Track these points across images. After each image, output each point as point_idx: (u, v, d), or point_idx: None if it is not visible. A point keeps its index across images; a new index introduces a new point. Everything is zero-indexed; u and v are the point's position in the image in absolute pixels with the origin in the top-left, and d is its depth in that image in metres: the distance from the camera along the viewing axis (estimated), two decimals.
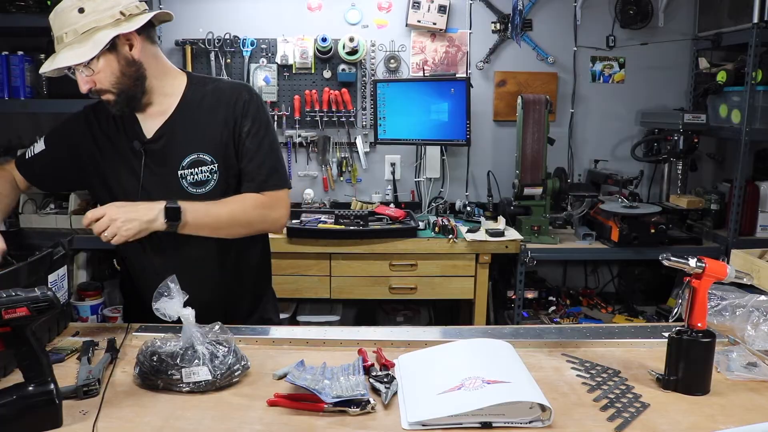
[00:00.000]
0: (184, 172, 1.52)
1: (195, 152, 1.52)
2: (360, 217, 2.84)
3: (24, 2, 2.58)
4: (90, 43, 1.36)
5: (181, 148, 1.52)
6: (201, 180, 1.52)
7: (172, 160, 1.52)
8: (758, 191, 2.95)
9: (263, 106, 1.60)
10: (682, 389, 1.22)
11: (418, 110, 3.10)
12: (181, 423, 1.09)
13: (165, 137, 1.53)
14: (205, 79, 1.61)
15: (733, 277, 1.24)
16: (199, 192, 1.53)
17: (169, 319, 1.23)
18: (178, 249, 1.54)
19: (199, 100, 1.55)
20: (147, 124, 1.54)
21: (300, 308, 3.15)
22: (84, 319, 2.66)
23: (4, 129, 3.12)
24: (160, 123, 1.53)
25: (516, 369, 1.22)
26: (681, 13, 3.30)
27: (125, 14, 1.39)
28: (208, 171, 1.53)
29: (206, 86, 1.57)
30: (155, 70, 1.50)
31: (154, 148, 1.53)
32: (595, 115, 3.40)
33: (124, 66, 1.43)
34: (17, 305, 1.01)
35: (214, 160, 1.53)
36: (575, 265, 3.50)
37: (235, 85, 1.61)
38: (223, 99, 1.55)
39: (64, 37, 1.37)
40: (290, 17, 3.24)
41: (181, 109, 1.54)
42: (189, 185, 1.52)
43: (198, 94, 1.55)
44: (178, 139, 1.52)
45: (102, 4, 1.37)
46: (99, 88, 1.43)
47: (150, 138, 1.53)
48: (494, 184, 3.26)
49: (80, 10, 1.36)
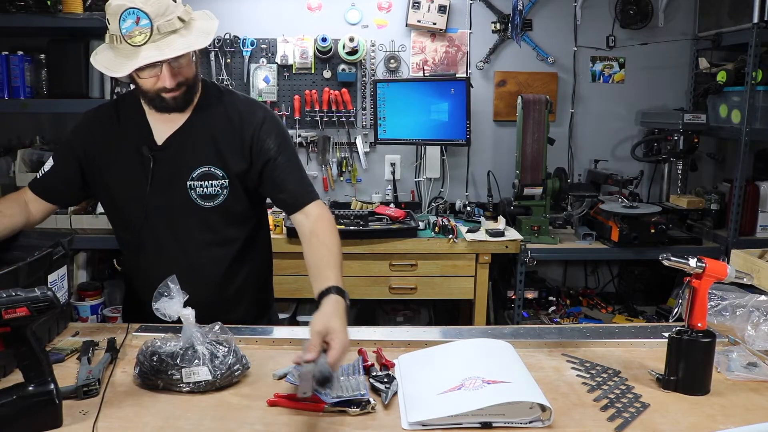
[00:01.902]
0: (193, 183, 1.50)
1: (206, 165, 1.50)
2: (360, 217, 2.84)
3: (24, 2, 2.58)
4: (195, 32, 1.37)
5: (192, 159, 1.50)
6: (210, 194, 1.51)
7: (182, 170, 1.50)
8: (758, 191, 2.95)
9: (280, 122, 1.61)
10: (682, 389, 1.22)
11: (418, 110, 3.10)
12: (181, 423, 1.10)
13: (175, 146, 1.51)
14: (220, 90, 1.58)
15: (733, 277, 1.24)
16: (207, 205, 1.52)
17: (169, 319, 1.23)
18: (178, 252, 1.54)
19: (213, 113, 1.53)
20: (158, 129, 1.51)
21: (300, 308, 3.14)
22: (84, 319, 2.66)
23: (4, 129, 3.12)
24: (172, 130, 1.51)
25: (516, 369, 1.22)
26: (681, 13, 3.30)
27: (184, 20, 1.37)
28: (219, 185, 1.51)
29: (221, 98, 1.55)
30: None
31: (163, 156, 1.50)
32: (595, 115, 3.40)
33: (196, 66, 1.45)
34: (17, 305, 1.01)
35: (226, 175, 1.51)
36: (575, 265, 3.50)
37: (249, 101, 1.60)
38: (237, 115, 1.53)
39: (169, 25, 1.32)
40: (290, 17, 3.24)
41: (194, 120, 1.52)
42: (197, 197, 1.51)
43: (212, 105, 1.53)
44: (189, 150, 1.51)
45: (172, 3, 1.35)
46: (179, 81, 1.40)
47: (160, 145, 1.51)
48: (494, 184, 3.26)
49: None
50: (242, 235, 1.60)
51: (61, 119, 3.18)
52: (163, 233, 1.54)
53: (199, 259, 1.55)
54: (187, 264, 1.54)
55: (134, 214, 1.54)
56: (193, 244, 1.54)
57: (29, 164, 2.80)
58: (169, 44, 1.33)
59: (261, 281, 1.75)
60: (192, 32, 1.37)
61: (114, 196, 1.56)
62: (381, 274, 2.83)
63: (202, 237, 1.54)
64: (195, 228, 1.54)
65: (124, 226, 1.59)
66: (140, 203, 1.52)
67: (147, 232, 1.54)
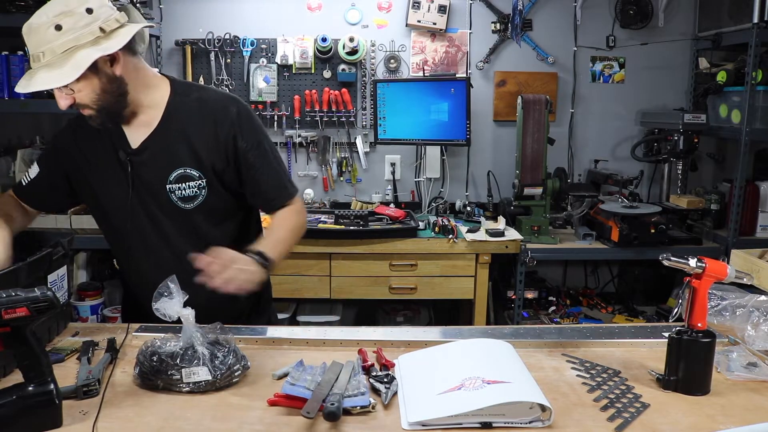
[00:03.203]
0: (172, 186, 1.49)
1: (182, 167, 1.49)
2: (360, 217, 2.84)
3: (24, 2, 2.58)
4: (69, 64, 1.27)
5: (168, 162, 1.49)
6: (189, 195, 1.50)
7: (159, 174, 1.49)
8: (758, 191, 2.95)
9: (254, 116, 1.57)
10: (682, 389, 1.22)
11: (418, 110, 3.10)
12: (181, 423, 1.09)
13: (150, 149, 1.49)
14: (189, 88, 1.55)
15: (733, 277, 1.24)
16: (188, 207, 1.51)
17: (169, 320, 1.23)
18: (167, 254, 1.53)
19: (184, 113, 1.50)
20: (132, 134, 1.49)
21: (300, 308, 3.15)
22: (84, 319, 2.66)
23: (4, 129, 3.12)
24: (146, 134, 1.49)
25: (516, 369, 1.22)
26: (681, 13, 3.30)
27: (105, 30, 1.30)
28: (196, 186, 1.50)
29: (190, 95, 1.52)
30: (137, 82, 1.42)
31: (140, 160, 1.49)
32: (595, 115, 3.40)
33: (105, 83, 1.35)
34: (17, 305, 1.01)
35: (202, 175, 1.50)
36: (575, 265, 3.50)
37: (220, 97, 1.55)
38: (209, 113, 1.50)
39: (41, 56, 1.28)
40: (290, 17, 3.24)
41: (165, 122, 1.49)
42: (178, 200, 1.50)
43: (183, 105, 1.50)
44: (164, 153, 1.49)
45: (80, 20, 1.28)
46: (79, 103, 1.37)
47: (135, 149, 1.49)
48: (494, 184, 3.26)
49: (57, 27, 1.26)
50: (230, 233, 1.59)
51: (61, 119, 3.16)
52: (151, 237, 1.53)
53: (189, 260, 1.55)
54: (179, 266, 1.52)
55: (120, 219, 1.53)
56: (181, 246, 1.52)
57: (29, 164, 2.79)
58: (43, 75, 1.28)
59: None
60: (67, 64, 1.28)
61: (100, 201, 1.55)
62: (381, 274, 2.83)
63: (188, 238, 1.53)
64: (180, 230, 1.53)
65: (112, 231, 1.59)
66: (124, 208, 1.51)
67: (134, 236, 1.54)
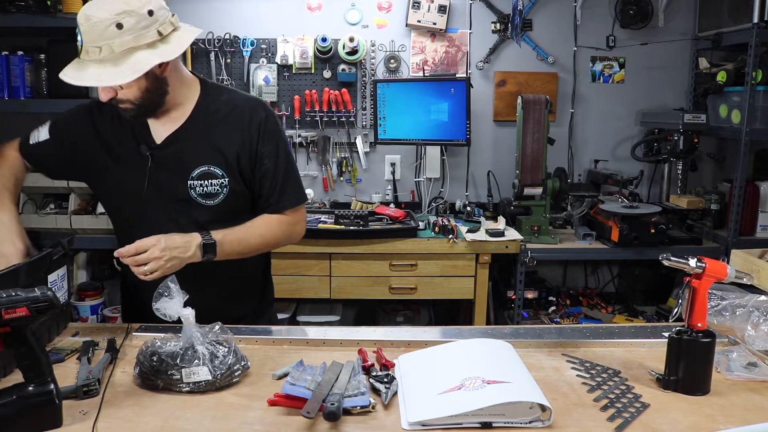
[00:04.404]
0: (193, 182, 1.51)
1: (206, 164, 1.51)
2: (360, 217, 2.84)
3: (24, 2, 2.58)
4: (126, 64, 1.30)
5: (192, 158, 1.51)
6: (211, 192, 1.52)
7: (182, 168, 1.51)
8: (758, 191, 2.95)
9: (279, 122, 1.60)
10: (682, 389, 1.22)
11: (418, 110, 3.10)
12: (181, 423, 1.09)
13: (175, 145, 1.51)
14: (220, 89, 1.59)
15: (733, 277, 1.24)
16: (208, 203, 1.52)
17: (169, 319, 1.23)
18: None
19: (213, 112, 1.53)
20: (157, 129, 1.52)
21: (300, 308, 3.15)
22: (84, 319, 2.66)
23: (4, 129, 3.09)
24: (171, 130, 1.51)
25: (516, 369, 1.22)
26: (681, 13, 3.30)
27: (162, 34, 1.35)
28: (219, 185, 1.52)
29: (220, 97, 1.56)
30: (176, 83, 1.48)
31: (163, 155, 1.51)
32: (595, 115, 3.40)
33: (151, 83, 1.40)
34: (17, 305, 1.01)
35: (225, 175, 1.52)
36: (575, 265, 3.50)
37: (250, 100, 1.59)
38: (238, 115, 1.53)
39: (98, 51, 1.29)
40: (290, 17, 3.24)
41: (194, 119, 1.52)
42: (198, 196, 1.52)
43: (212, 105, 1.54)
44: (189, 149, 1.51)
45: (141, 21, 1.30)
46: (120, 98, 1.39)
47: (159, 144, 1.51)
48: (494, 184, 3.26)
49: (118, 25, 1.28)
50: None
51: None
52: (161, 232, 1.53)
53: None
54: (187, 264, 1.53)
55: (132, 213, 1.55)
56: None
57: None
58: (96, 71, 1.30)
59: (260, 277, 1.76)
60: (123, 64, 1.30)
61: (111, 193, 1.57)
62: (381, 274, 2.83)
63: None
64: (194, 227, 1.53)
65: (122, 224, 1.60)
66: (137, 202, 1.52)
67: (145, 230, 1.54)
